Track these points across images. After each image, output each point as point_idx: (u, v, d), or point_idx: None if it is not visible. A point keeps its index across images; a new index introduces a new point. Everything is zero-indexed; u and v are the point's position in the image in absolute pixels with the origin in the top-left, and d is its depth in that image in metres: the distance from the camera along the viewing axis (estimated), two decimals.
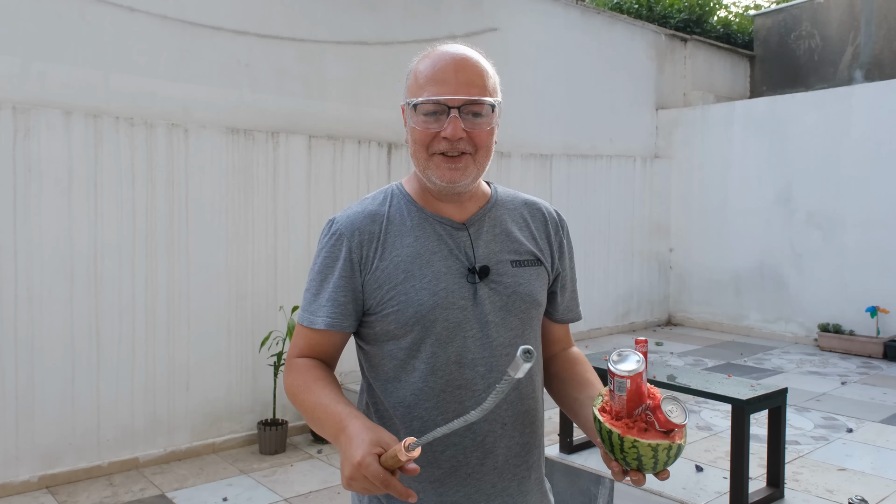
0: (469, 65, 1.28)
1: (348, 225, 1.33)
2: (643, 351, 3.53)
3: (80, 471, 4.08)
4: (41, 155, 3.94)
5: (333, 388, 1.27)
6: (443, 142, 1.25)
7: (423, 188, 1.36)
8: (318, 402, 1.24)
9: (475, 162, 1.28)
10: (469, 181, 1.29)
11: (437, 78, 1.26)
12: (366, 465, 1.06)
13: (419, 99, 1.25)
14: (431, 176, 1.28)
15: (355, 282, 1.30)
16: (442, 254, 1.31)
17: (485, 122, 1.27)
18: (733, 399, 3.01)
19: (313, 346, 1.34)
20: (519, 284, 1.34)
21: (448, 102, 1.23)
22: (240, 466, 4.33)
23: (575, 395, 1.39)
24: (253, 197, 4.79)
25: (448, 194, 1.32)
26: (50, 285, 3.98)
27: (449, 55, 1.29)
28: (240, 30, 4.85)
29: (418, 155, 1.29)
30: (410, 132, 1.30)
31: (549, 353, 1.51)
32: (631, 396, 1.13)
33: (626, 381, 1.12)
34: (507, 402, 1.31)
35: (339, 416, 1.18)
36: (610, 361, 1.15)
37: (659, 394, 1.15)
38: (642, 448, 1.10)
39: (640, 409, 1.14)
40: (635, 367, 1.13)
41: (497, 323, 1.31)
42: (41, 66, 4.06)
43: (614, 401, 1.15)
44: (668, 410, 1.12)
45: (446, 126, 1.24)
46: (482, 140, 1.27)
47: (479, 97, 1.25)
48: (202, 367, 4.55)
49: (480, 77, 1.28)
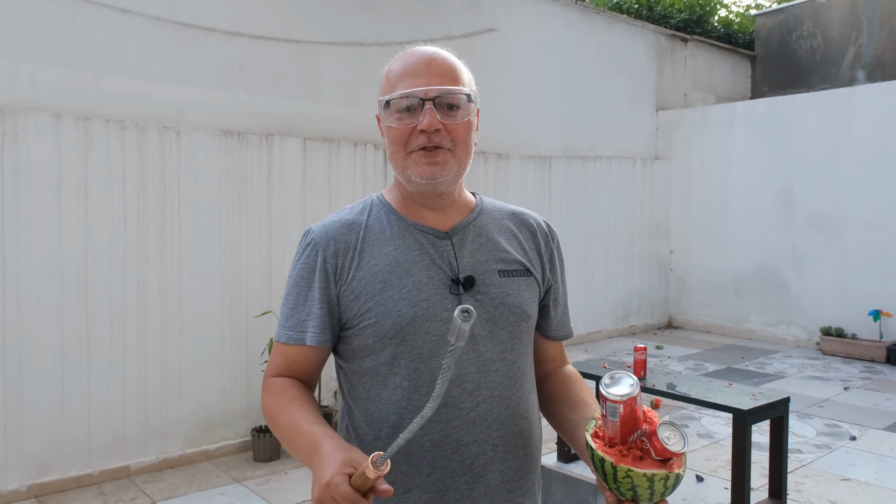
0: (440, 58, 1.25)
1: (323, 234, 1.27)
2: (642, 358, 3.47)
3: (71, 479, 4.01)
4: (30, 158, 3.87)
5: (310, 408, 1.21)
6: (420, 136, 1.21)
7: (405, 196, 1.31)
8: (292, 423, 1.17)
9: (454, 157, 1.23)
10: (450, 178, 1.24)
11: (409, 73, 1.22)
12: (334, 485, 0.99)
13: (393, 94, 1.22)
14: (411, 174, 1.23)
15: (331, 294, 1.25)
16: (423, 263, 1.25)
17: (461, 113, 1.23)
18: (735, 409, 2.94)
19: (290, 363, 1.28)
20: (507, 295, 1.27)
21: (422, 94, 1.20)
22: (233, 474, 4.27)
23: (569, 417, 1.32)
24: (247, 200, 4.72)
25: (430, 196, 1.27)
26: (39, 291, 3.91)
27: (420, 51, 1.26)
28: (234, 31, 4.79)
29: (396, 155, 1.25)
30: (387, 132, 1.25)
31: (543, 372, 1.44)
32: (625, 422, 1.06)
33: (619, 405, 1.05)
34: (498, 422, 1.24)
35: (314, 436, 1.12)
36: (602, 385, 1.08)
37: (656, 418, 1.09)
38: (637, 478, 1.04)
39: (635, 436, 1.07)
40: (629, 391, 1.06)
41: (484, 336, 1.24)
42: (30, 67, 3.99)
43: (607, 426, 1.08)
44: (664, 437, 1.04)
45: (422, 118, 1.20)
46: (459, 134, 1.23)
47: (452, 86, 1.22)
48: (195, 373, 4.49)
49: (453, 70, 1.24)
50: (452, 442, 1.20)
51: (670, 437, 1.05)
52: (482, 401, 1.22)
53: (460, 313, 0.95)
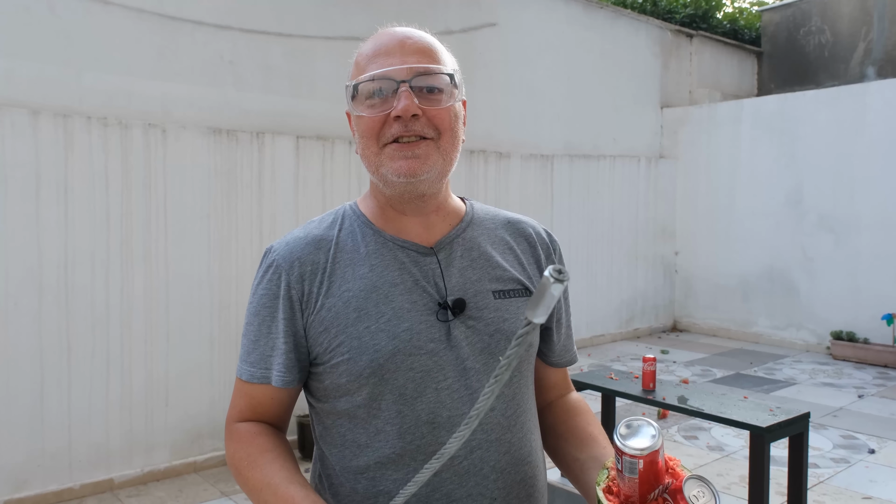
0: (416, 36, 1.06)
1: (286, 255, 1.07)
2: (651, 370, 3.27)
3: (50, 494, 3.83)
4: (6, 158, 3.69)
5: (284, 461, 1.03)
6: (395, 124, 1.01)
7: (380, 204, 1.11)
8: (265, 481, 0.99)
9: (439, 149, 1.03)
10: (433, 175, 1.04)
11: (381, 52, 1.04)
12: None
13: (362, 77, 1.03)
14: (386, 172, 1.03)
15: (297, 325, 1.05)
16: (405, 286, 1.05)
17: (443, 98, 1.03)
18: (753, 427, 2.75)
19: (255, 405, 1.10)
20: (504, 320, 1.07)
21: (394, 75, 1.01)
22: (221, 488, 4.08)
23: (575, 455, 1.12)
24: (237, 201, 4.54)
25: (410, 199, 1.07)
26: (16, 297, 3.73)
27: (393, 30, 1.07)
28: (223, 24, 4.60)
29: (368, 151, 1.05)
30: (356, 124, 1.06)
31: (544, 402, 1.24)
32: (644, 478, 0.88)
33: (639, 461, 0.87)
34: (496, 471, 1.04)
35: (292, 499, 0.94)
36: (617, 435, 0.90)
37: (680, 469, 0.91)
38: None
39: (656, 493, 0.89)
40: (650, 443, 0.88)
41: (478, 370, 1.04)
42: (6, 62, 3.81)
43: (623, 482, 0.90)
44: (692, 496, 0.86)
45: (396, 103, 1.00)
46: (444, 121, 1.03)
47: (431, 65, 1.02)
48: (182, 382, 4.31)
49: (431, 49, 1.05)
50: (442, 497, 1.02)
51: (699, 495, 0.87)
52: (476, 447, 1.03)
53: (553, 272, 0.74)
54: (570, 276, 0.75)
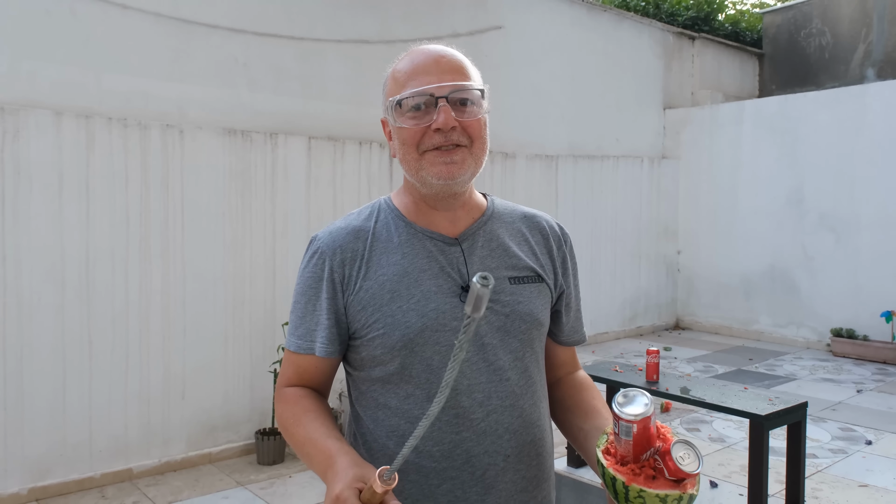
0: (449, 54, 1.21)
1: (329, 242, 1.24)
2: (654, 362, 3.39)
3: (72, 482, 3.95)
4: (30, 157, 3.82)
5: (324, 420, 1.18)
6: (435, 135, 1.16)
7: (414, 200, 1.26)
8: (308, 436, 1.16)
9: (472, 154, 1.19)
10: (466, 177, 1.20)
11: (419, 70, 1.18)
12: (343, 499, 0.99)
13: (405, 93, 1.17)
14: (426, 176, 1.18)
15: (338, 304, 1.22)
16: (432, 272, 1.21)
17: (475, 109, 1.19)
18: (752, 414, 2.86)
19: (301, 373, 1.26)
20: (518, 303, 1.23)
21: (434, 92, 1.16)
22: (236, 478, 4.20)
23: (580, 425, 1.28)
24: (251, 200, 4.66)
25: (444, 197, 1.22)
26: (40, 292, 3.85)
27: (427, 49, 1.22)
28: (236, 28, 4.73)
29: (409, 157, 1.19)
30: (398, 133, 1.20)
31: (554, 378, 1.40)
32: (638, 441, 1.03)
33: (633, 425, 1.03)
34: (509, 432, 1.20)
35: (329, 451, 1.10)
36: (615, 403, 1.05)
37: (671, 436, 1.06)
38: (649, 498, 1.01)
39: (648, 454, 1.04)
40: (643, 410, 1.03)
41: (495, 345, 1.20)
42: (30, 65, 3.93)
43: (620, 444, 1.06)
44: (679, 457, 1.01)
45: (437, 116, 1.15)
46: (476, 130, 1.19)
47: (465, 83, 1.18)
48: (198, 376, 4.43)
49: (462, 66, 1.21)
50: (463, 453, 1.17)
51: (684, 456, 1.02)
52: (493, 411, 1.19)
53: (479, 279, 0.92)
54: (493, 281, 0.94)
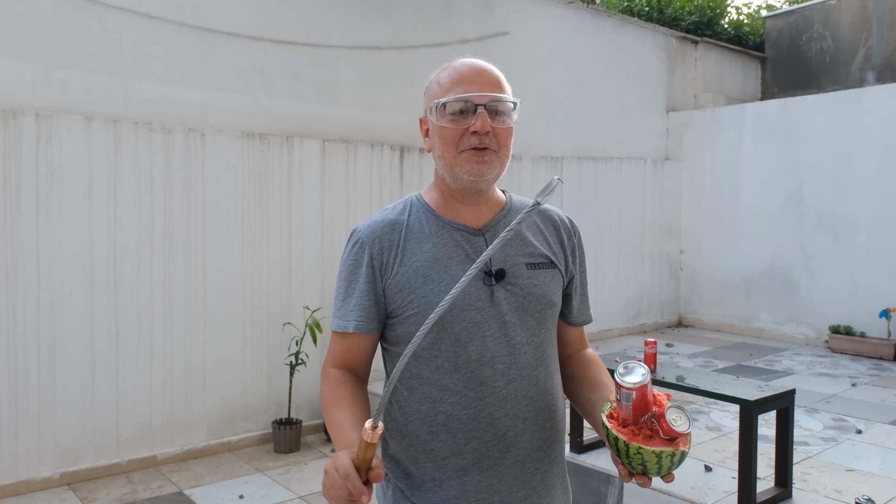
0: (489, 69, 1.40)
1: (369, 234, 1.42)
2: (652, 352, 3.58)
3: (100, 468, 4.17)
4: (63, 160, 4.04)
5: (357, 409, 1.35)
6: (472, 137, 1.34)
7: (443, 195, 1.44)
8: (339, 421, 1.33)
9: (498, 158, 1.37)
10: (492, 177, 1.38)
11: (463, 80, 1.36)
12: (336, 458, 1.15)
13: (449, 97, 1.35)
14: (459, 172, 1.36)
15: (377, 287, 1.39)
16: (459, 258, 1.38)
17: (507, 119, 1.37)
18: (741, 400, 3.05)
19: (345, 352, 1.43)
20: (534, 286, 1.41)
21: (475, 99, 1.34)
22: (255, 465, 4.41)
23: (587, 396, 1.46)
24: (268, 200, 4.86)
25: (470, 193, 1.40)
26: (71, 287, 4.07)
27: (470, 62, 1.40)
28: (255, 36, 4.94)
29: (447, 154, 1.37)
30: (438, 133, 1.38)
31: (565, 355, 1.58)
32: (636, 405, 1.20)
33: (632, 392, 1.19)
34: (527, 398, 1.38)
35: (347, 442, 1.26)
36: (617, 374, 1.21)
37: (666, 401, 1.22)
38: (647, 454, 1.17)
39: (645, 417, 1.20)
40: (640, 379, 1.19)
41: (514, 322, 1.38)
42: (62, 73, 4.15)
43: (621, 409, 1.22)
44: (672, 419, 1.18)
45: (475, 121, 1.33)
46: (504, 138, 1.37)
47: (502, 95, 1.36)
48: (218, 368, 4.64)
49: (500, 80, 1.39)
50: (487, 416, 1.35)
51: (677, 419, 1.19)
52: (513, 380, 1.37)
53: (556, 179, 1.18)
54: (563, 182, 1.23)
